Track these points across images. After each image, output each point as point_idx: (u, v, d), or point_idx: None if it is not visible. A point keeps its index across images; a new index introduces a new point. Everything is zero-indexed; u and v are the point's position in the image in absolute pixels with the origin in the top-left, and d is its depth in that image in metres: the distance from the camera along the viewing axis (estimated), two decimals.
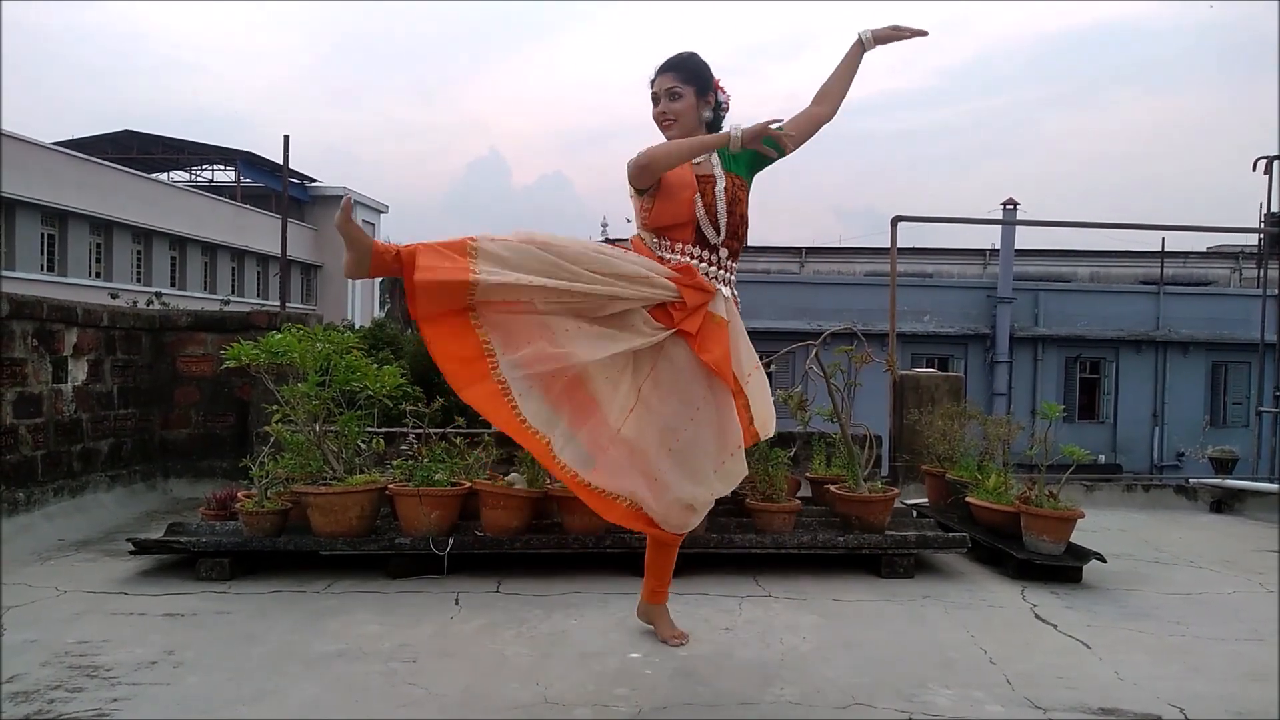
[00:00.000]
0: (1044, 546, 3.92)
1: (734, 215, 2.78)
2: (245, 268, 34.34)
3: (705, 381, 2.68)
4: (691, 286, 2.68)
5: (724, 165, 2.81)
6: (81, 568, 3.87)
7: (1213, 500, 6.10)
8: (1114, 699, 2.58)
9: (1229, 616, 3.48)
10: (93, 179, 25.67)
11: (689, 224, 2.76)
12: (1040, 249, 27.90)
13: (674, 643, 2.95)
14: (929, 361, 20.11)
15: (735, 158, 2.83)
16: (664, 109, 2.81)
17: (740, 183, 2.82)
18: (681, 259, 2.74)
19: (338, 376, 3.87)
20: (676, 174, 2.77)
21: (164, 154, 33.21)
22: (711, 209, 2.75)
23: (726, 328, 2.74)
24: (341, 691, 2.55)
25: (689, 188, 2.76)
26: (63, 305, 4.87)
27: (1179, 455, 21.30)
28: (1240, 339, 20.69)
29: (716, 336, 2.70)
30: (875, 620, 3.31)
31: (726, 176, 2.79)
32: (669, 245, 2.78)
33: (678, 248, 2.76)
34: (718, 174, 2.79)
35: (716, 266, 2.78)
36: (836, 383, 4.24)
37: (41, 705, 2.42)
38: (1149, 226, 15.95)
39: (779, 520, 3.99)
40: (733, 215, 2.78)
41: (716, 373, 2.67)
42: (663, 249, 2.78)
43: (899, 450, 5.88)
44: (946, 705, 2.51)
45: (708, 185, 2.77)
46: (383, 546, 3.75)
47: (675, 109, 2.80)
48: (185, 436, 5.76)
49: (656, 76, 2.83)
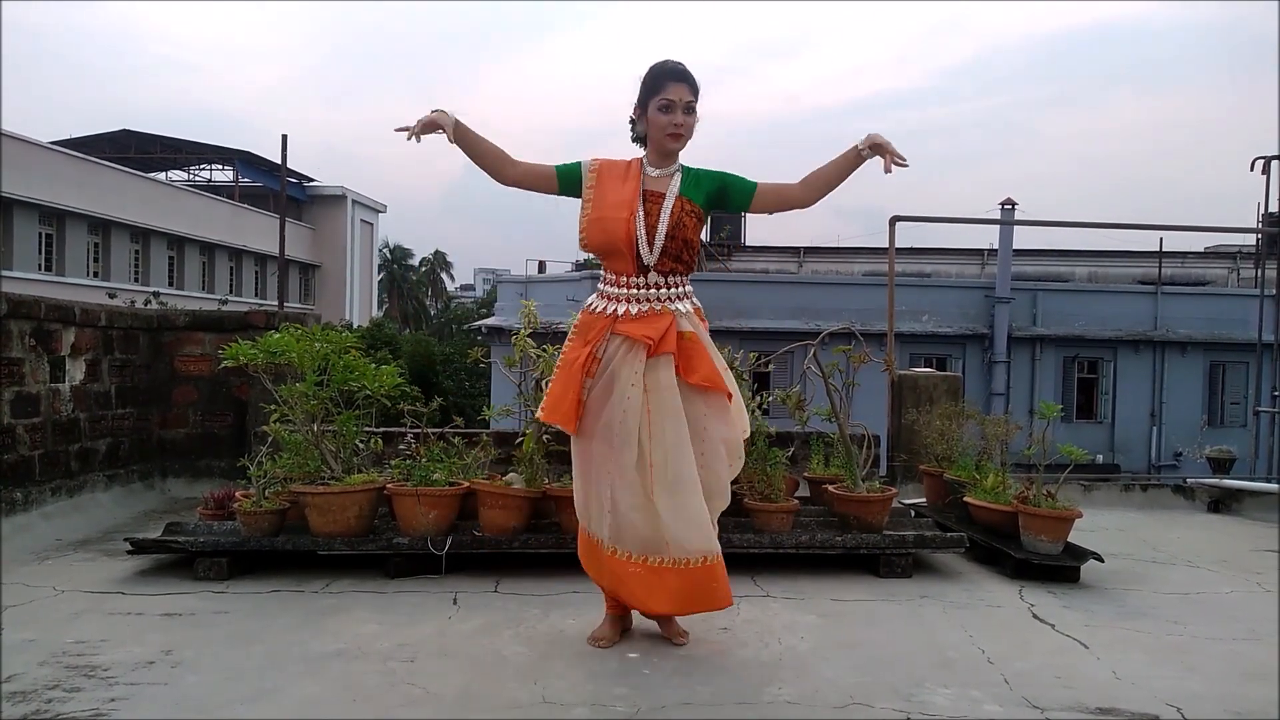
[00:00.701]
0: (1042, 546, 3.92)
1: (675, 239, 2.77)
2: (243, 267, 34.33)
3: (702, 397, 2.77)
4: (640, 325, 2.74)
5: (685, 187, 2.81)
6: (79, 567, 3.86)
7: (1210, 500, 6.10)
8: (1111, 698, 2.58)
9: (1226, 616, 3.48)
10: (91, 178, 25.65)
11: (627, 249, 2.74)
12: (1038, 249, 27.89)
13: (679, 640, 2.96)
14: (927, 361, 20.12)
15: (701, 183, 2.83)
16: (681, 121, 2.76)
17: (691, 208, 2.80)
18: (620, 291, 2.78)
19: (336, 376, 3.87)
20: (615, 191, 2.76)
21: (162, 153, 33.19)
22: (652, 230, 2.74)
23: (699, 340, 2.79)
24: (340, 691, 2.55)
25: (626, 206, 2.74)
26: (60, 305, 4.87)
27: (1177, 455, 21.29)
28: (1238, 339, 20.70)
29: (697, 353, 2.76)
30: (873, 620, 3.31)
31: (679, 199, 2.78)
32: (613, 279, 2.81)
33: (622, 281, 2.79)
34: (670, 193, 2.78)
35: (663, 288, 2.79)
36: (835, 382, 4.24)
37: (39, 705, 2.42)
38: (1147, 226, 15.96)
39: (777, 520, 3.99)
40: (674, 239, 2.76)
41: (711, 388, 2.72)
42: (606, 283, 2.83)
43: (897, 450, 5.88)
44: (944, 705, 2.51)
45: (655, 203, 2.76)
46: (381, 546, 3.74)
47: (690, 123, 2.79)
48: (183, 436, 5.76)
49: (670, 84, 2.75)
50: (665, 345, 2.72)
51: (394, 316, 45.28)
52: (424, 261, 54.31)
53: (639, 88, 2.83)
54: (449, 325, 43.34)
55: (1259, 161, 9.59)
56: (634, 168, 2.83)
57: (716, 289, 21.53)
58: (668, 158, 2.84)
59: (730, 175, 2.87)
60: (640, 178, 2.80)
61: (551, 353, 3.85)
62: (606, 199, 2.76)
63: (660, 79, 2.77)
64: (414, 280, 52.67)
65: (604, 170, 2.82)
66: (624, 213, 2.72)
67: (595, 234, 2.76)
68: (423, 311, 51.50)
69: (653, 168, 2.84)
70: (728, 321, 19.38)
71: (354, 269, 39.35)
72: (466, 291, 64.08)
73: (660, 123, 2.76)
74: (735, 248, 29.98)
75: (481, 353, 5.69)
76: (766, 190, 2.85)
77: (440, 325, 45.36)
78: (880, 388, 5.97)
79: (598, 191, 2.78)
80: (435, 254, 55.23)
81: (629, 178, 2.79)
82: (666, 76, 2.76)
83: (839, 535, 3.99)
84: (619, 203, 2.74)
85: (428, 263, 54.51)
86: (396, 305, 49.88)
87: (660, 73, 2.78)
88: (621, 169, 2.83)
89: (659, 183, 2.80)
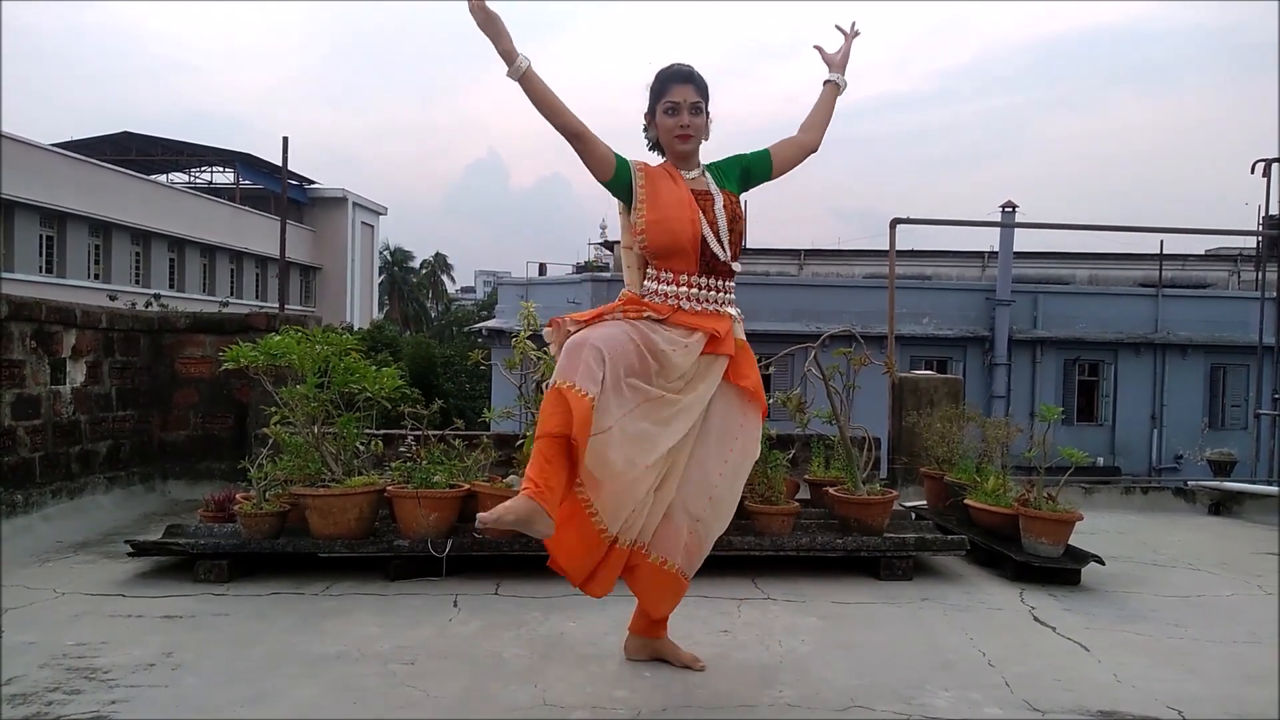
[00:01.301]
0: (1042, 549, 3.92)
1: (734, 233, 2.69)
2: (244, 269, 34.34)
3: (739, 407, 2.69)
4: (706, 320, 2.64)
5: (718, 182, 2.75)
6: (80, 569, 3.86)
7: (1211, 502, 6.10)
8: (1112, 701, 2.58)
9: (1227, 619, 3.48)
10: (92, 180, 25.67)
11: (692, 249, 2.63)
12: (1039, 251, 27.82)
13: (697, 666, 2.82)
14: (928, 364, 20.09)
15: (727, 174, 2.77)
16: (688, 122, 2.68)
17: (735, 199, 2.76)
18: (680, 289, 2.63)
19: (336, 378, 3.87)
20: (670, 191, 2.66)
21: (163, 156, 33.21)
22: (715, 227, 2.65)
23: (749, 349, 2.75)
24: (340, 693, 2.55)
25: (688, 206, 2.65)
26: (61, 307, 4.87)
27: (1177, 457, 21.28)
28: (1239, 341, 20.69)
29: (748, 360, 2.71)
30: (874, 622, 3.31)
31: (723, 194, 2.72)
32: (670, 278, 2.65)
33: (682, 280, 2.64)
34: (714, 191, 2.71)
35: (722, 291, 2.70)
36: (835, 385, 4.24)
37: (40, 707, 2.42)
38: (1148, 229, 15.96)
39: (778, 522, 3.99)
40: (733, 233, 2.69)
41: (755, 397, 2.68)
42: (662, 281, 2.65)
43: (898, 452, 5.88)
44: (945, 707, 2.51)
45: (707, 203, 2.68)
46: (381, 548, 3.74)
47: (698, 123, 2.71)
48: (184, 438, 5.76)
49: (674, 86, 2.70)
50: (726, 345, 2.63)
51: (394, 319, 45.31)
52: (425, 264, 54.32)
53: (648, 94, 2.78)
54: (450, 327, 43.36)
55: (1259, 164, 9.60)
56: (674, 171, 2.75)
57: None
58: (685, 160, 2.76)
59: (745, 155, 2.83)
60: (683, 182, 2.72)
61: (552, 355, 3.84)
62: (662, 199, 2.65)
63: (665, 82, 2.72)
64: (415, 282, 52.68)
65: (651, 172, 2.73)
66: (687, 212, 2.63)
67: (658, 235, 2.62)
68: (423, 314, 51.50)
69: (682, 171, 2.76)
70: None
71: (355, 271, 39.37)
72: (467, 294, 64.07)
73: (667, 125, 2.71)
74: None
75: (482, 355, 5.69)
76: (780, 150, 2.83)
77: (441, 327, 45.37)
78: (881, 390, 5.97)
79: (650, 191, 2.67)
80: (436, 256, 55.26)
81: (676, 179, 2.71)
82: (670, 79, 2.71)
83: (840, 538, 3.99)
84: (678, 202, 2.65)
85: (428, 265, 54.52)
86: (397, 307, 49.90)
87: (664, 76, 2.73)
88: (663, 172, 2.74)
89: (696, 183, 2.74)
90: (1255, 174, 9.84)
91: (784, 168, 2.83)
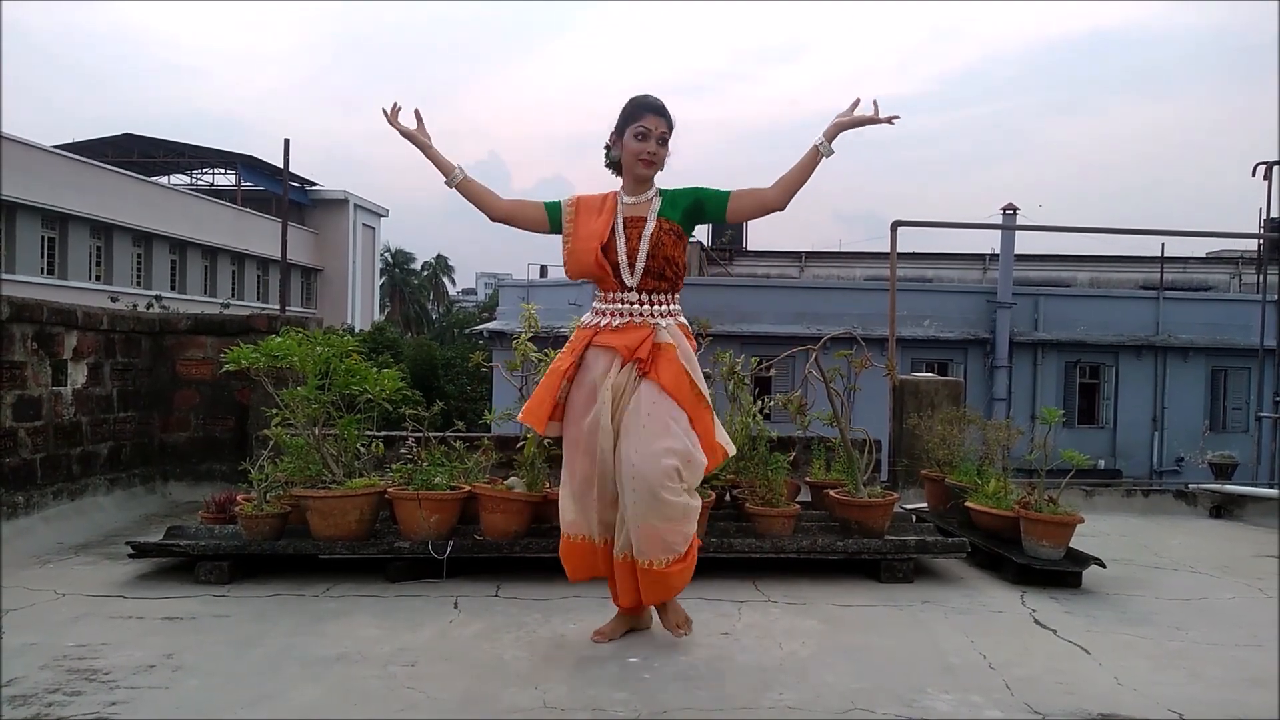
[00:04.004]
0: (1043, 551, 3.92)
1: (656, 258, 2.95)
2: (245, 271, 34.37)
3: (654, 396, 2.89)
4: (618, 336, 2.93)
5: (663, 208, 3.00)
6: (80, 571, 3.86)
7: (1212, 505, 6.10)
8: (1113, 704, 2.58)
9: (1228, 622, 3.48)
10: (93, 182, 25.71)
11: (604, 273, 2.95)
12: (1040, 254, 27.83)
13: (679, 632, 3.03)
14: (929, 366, 20.09)
15: (676, 203, 3.02)
16: (654, 150, 2.96)
17: (670, 226, 2.98)
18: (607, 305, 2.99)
19: (337, 380, 3.88)
20: (587, 225, 2.99)
21: (164, 157, 33.25)
22: (633, 254, 2.94)
23: (675, 350, 2.93)
24: (340, 695, 2.55)
25: (596, 238, 2.96)
26: (63, 308, 4.87)
27: (1178, 460, 21.26)
28: (1240, 344, 20.68)
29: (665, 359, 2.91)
30: (875, 625, 3.31)
31: (659, 221, 2.97)
32: (601, 295, 3.03)
33: (609, 296, 3.00)
34: (650, 216, 2.98)
35: (646, 304, 2.97)
36: (836, 387, 4.24)
37: (40, 709, 2.42)
38: (1149, 232, 15.91)
39: (778, 525, 3.98)
40: (654, 258, 2.95)
41: (673, 391, 2.86)
42: (596, 298, 3.04)
43: (898, 455, 5.87)
44: (946, 710, 2.51)
45: (636, 229, 2.97)
46: (382, 550, 3.75)
47: (661, 154, 2.99)
48: (185, 440, 5.76)
49: (649, 115, 2.96)
50: (638, 353, 2.90)
51: (396, 320, 45.35)
52: (426, 265, 54.38)
53: (618, 117, 3.02)
54: (451, 329, 43.34)
55: (1260, 167, 9.61)
56: (610, 200, 3.04)
57: (718, 294, 21.55)
58: (642, 184, 3.03)
59: (704, 189, 3.06)
60: (615, 209, 3.01)
61: (553, 356, 3.85)
62: (579, 232, 3.00)
63: (639, 109, 2.97)
64: (416, 284, 52.74)
65: (581, 206, 3.05)
66: (594, 243, 2.94)
67: (571, 264, 3.03)
68: (424, 315, 51.56)
69: (629, 195, 3.03)
70: (729, 326, 19.36)
71: (356, 273, 39.42)
72: (468, 296, 64.12)
73: (635, 149, 2.96)
74: (736, 252, 29.98)
75: (483, 357, 5.69)
76: (741, 196, 3.01)
77: (442, 329, 45.37)
78: (881, 392, 5.97)
79: (575, 226, 3.02)
80: (437, 258, 55.32)
81: (604, 210, 3.01)
82: (645, 108, 2.97)
83: (840, 540, 3.98)
84: (590, 234, 2.97)
85: (429, 267, 54.58)
86: (398, 309, 49.95)
87: (640, 104, 2.98)
88: (598, 203, 3.05)
89: (638, 208, 3.01)
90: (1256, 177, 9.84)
91: (739, 215, 3.07)
